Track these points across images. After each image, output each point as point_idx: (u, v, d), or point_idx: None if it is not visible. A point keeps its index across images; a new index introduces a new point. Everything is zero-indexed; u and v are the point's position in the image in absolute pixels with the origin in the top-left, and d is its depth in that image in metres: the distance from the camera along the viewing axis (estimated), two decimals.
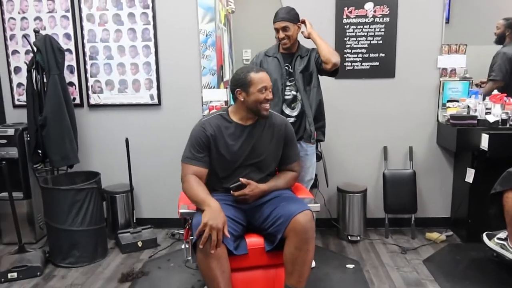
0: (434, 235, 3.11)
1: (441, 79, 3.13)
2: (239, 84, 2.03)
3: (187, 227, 2.03)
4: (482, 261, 2.74)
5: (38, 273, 2.70)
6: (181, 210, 1.99)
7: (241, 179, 2.02)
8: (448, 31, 3.12)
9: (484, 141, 2.71)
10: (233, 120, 2.09)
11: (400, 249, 2.98)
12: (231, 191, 2.02)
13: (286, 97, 2.56)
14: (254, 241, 1.97)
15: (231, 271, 1.86)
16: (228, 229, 1.82)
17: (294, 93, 2.56)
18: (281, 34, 2.48)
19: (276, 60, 2.57)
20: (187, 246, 2.06)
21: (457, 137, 2.84)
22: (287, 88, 2.55)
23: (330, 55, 2.43)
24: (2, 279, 2.62)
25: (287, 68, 2.56)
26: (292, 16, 2.50)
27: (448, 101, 3.08)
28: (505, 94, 2.96)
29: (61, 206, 2.77)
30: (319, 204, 2.08)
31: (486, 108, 2.90)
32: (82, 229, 2.81)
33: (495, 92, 2.97)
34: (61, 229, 2.78)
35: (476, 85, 3.16)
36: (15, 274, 2.64)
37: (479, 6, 3.33)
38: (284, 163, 2.22)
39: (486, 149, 2.68)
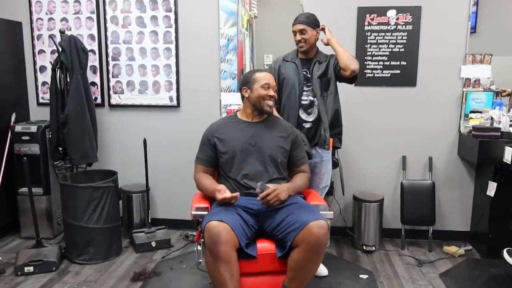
0: (452, 249, 3.03)
1: (464, 89, 3.06)
2: (245, 82, 2.21)
3: (199, 228, 2.04)
4: (502, 278, 2.65)
5: (54, 268, 2.75)
6: (193, 212, 2.00)
7: (267, 184, 2.03)
8: (474, 40, 3.05)
9: (508, 154, 2.62)
10: (239, 118, 2.25)
11: (416, 262, 2.91)
12: (257, 194, 2.01)
13: (303, 102, 2.55)
14: (265, 246, 1.95)
15: (241, 275, 1.86)
16: (240, 229, 1.85)
17: (312, 98, 2.54)
18: (298, 37, 2.49)
19: (294, 65, 2.56)
20: (199, 248, 2.07)
21: (479, 149, 2.77)
22: (304, 93, 2.54)
23: (349, 62, 2.42)
24: (19, 272, 2.68)
25: (305, 73, 2.55)
26: (310, 21, 2.50)
27: (471, 112, 3.01)
28: None
29: (78, 203, 2.82)
30: (332, 212, 2.05)
31: (511, 121, 2.81)
32: (98, 227, 2.85)
33: None
34: (78, 225, 2.83)
35: (497, 93, 3.06)
36: (31, 268, 2.70)
37: (507, 15, 3.25)
38: (295, 165, 2.25)
39: (510, 163, 2.60)
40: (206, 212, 1.98)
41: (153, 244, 3.08)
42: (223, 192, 1.99)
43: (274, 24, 3.65)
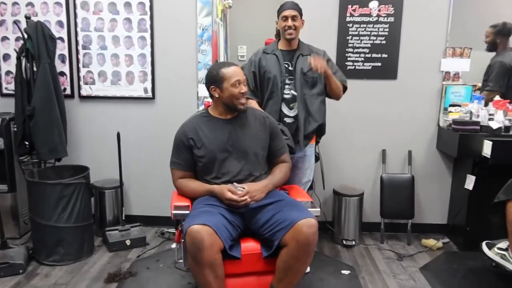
0: (430, 242, 3.05)
1: (443, 83, 3.07)
2: (212, 81, 2.03)
3: (180, 228, 1.93)
4: (480, 270, 2.67)
5: (21, 271, 2.58)
6: (174, 211, 1.89)
7: (239, 186, 1.95)
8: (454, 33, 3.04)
9: (487, 148, 2.64)
10: (212, 115, 2.10)
11: (396, 256, 2.91)
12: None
13: (285, 96, 2.47)
14: (249, 246, 1.87)
15: (226, 276, 1.78)
16: (224, 231, 1.76)
17: (294, 93, 2.47)
18: (290, 22, 2.39)
19: (275, 57, 2.47)
20: (177, 246, 1.98)
21: (459, 142, 2.78)
22: (287, 86, 2.46)
23: (340, 92, 2.51)
24: None
25: (286, 65, 2.46)
26: (299, 9, 2.43)
27: (450, 105, 3.02)
28: (508, 101, 2.91)
29: (47, 201, 2.65)
30: (319, 209, 2.00)
31: (489, 114, 2.84)
32: (69, 226, 2.70)
33: (497, 98, 2.91)
34: (46, 225, 2.66)
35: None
36: None
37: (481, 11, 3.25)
38: (275, 156, 2.17)
39: (489, 156, 2.62)
40: (187, 212, 1.88)
41: (128, 242, 2.95)
42: (233, 192, 1.91)
43: (248, 15, 3.57)
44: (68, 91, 3.18)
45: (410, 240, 3.12)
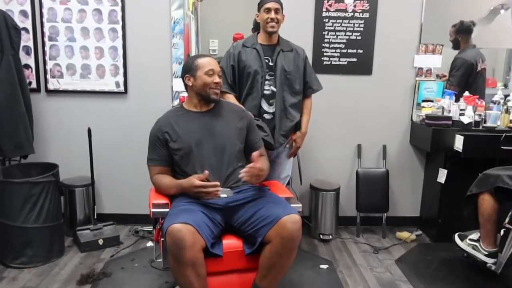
0: (404, 235, 3.11)
1: (417, 79, 3.12)
2: (187, 70, 2.04)
3: (158, 227, 1.87)
4: (452, 261, 2.76)
5: None
6: (153, 210, 1.83)
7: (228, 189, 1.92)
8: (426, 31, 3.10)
9: (459, 142, 2.72)
10: (187, 109, 2.09)
11: (372, 249, 2.95)
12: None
13: (265, 92, 2.44)
14: (231, 243, 1.84)
15: (208, 275, 1.74)
16: (205, 229, 1.72)
17: (274, 89, 2.44)
18: (273, 15, 2.35)
19: (255, 51, 2.43)
20: (156, 245, 1.92)
21: (432, 137, 2.84)
22: (266, 82, 2.43)
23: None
24: None
25: (267, 61, 2.43)
26: (281, 3, 2.40)
27: (423, 100, 3.08)
28: (477, 96, 3.00)
29: (14, 201, 2.51)
30: (301, 205, 1.98)
31: (460, 109, 2.91)
32: (37, 226, 2.56)
33: (467, 93, 2.99)
34: (13, 226, 2.52)
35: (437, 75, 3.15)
36: None
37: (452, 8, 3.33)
38: (252, 149, 2.11)
39: (460, 150, 2.69)
40: (166, 210, 1.82)
41: (100, 242, 2.85)
42: (201, 179, 1.85)
43: (220, 8, 3.50)
44: (34, 85, 3.02)
45: (385, 233, 3.17)
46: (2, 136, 2.71)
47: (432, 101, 3.04)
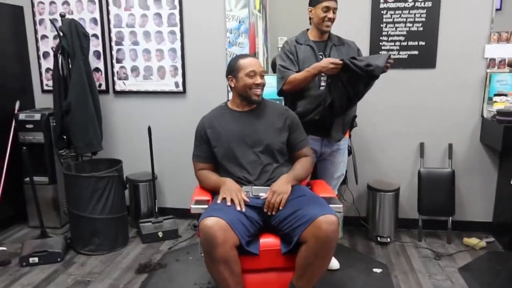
0: (472, 241, 2.86)
1: (488, 71, 2.84)
2: (230, 70, 2.07)
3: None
4: None
5: (59, 259, 2.70)
6: (192, 206, 1.90)
7: (261, 194, 1.92)
8: (500, 18, 2.81)
9: None
10: (230, 108, 2.12)
11: (433, 254, 2.76)
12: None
13: (321, 88, 2.38)
14: (269, 241, 1.84)
15: (244, 272, 1.76)
16: (240, 226, 1.73)
17: None
18: (331, 14, 2.30)
19: (309, 48, 2.38)
20: (199, 240, 1.97)
21: (504, 135, 2.57)
22: (322, 78, 2.37)
23: None
24: (24, 263, 2.64)
25: (321, 57, 2.38)
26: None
27: (495, 95, 2.80)
28: None
29: (83, 193, 2.75)
30: (341, 205, 1.91)
31: None
32: (103, 217, 2.79)
33: None
34: (82, 216, 2.77)
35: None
36: (36, 259, 2.66)
37: None
38: (295, 149, 2.12)
39: None
40: (205, 206, 1.87)
41: (160, 234, 3.01)
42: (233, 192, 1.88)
43: (288, 5, 3.48)
44: (103, 87, 3.28)
45: (450, 239, 2.95)
46: (75, 135, 2.98)
47: (506, 95, 2.75)
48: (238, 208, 1.80)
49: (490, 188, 3.01)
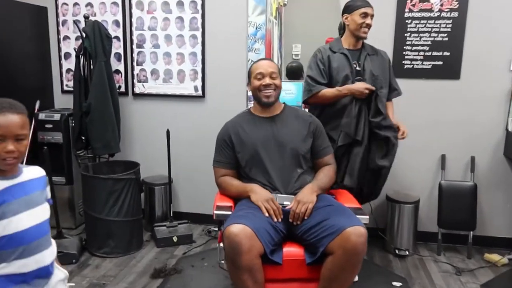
0: (494, 257, 2.79)
1: None
2: (248, 77, 2.11)
3: (222, 229, 1.90)
4: None
5: (74, 261, 2.69)
6: (216, 212, 1.86)
7: (286, 203, 1.89)
8: None
9: None
10: (254, 114, 2.11)
11: (454, 270, 2.69)
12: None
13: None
14: (292, 251, 1.80)
15: (267, 281, 1.72)
16: (265, 234, 1.69)
17: None
18: (369, 20, 2.30)
19: (343, 56, 2.36)
20: (219, 247, 1.95)
21: None
22: None
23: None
24: None
25: (354, 65, 2.36)
26: None
27: None
28: None
29: (99, 194, 2.74)
30: (368, 217, 1.87)
31: None
32: (118, 220, 2.77)
33: None
34: (98, 218, 2.75)
35: None
36: None
37: None
38: (318, 156, 2.09)
39: None
40: (229, 212, 1.84)
41: (175, 239, 2.98)
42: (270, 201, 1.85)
43: (303, 12, 3.47)
44: (122, 89, 3.28)
45: (471, 254, 2.88)
46: (93, 136, 2.97)
47: None
48: (275, 220, 1.78)
49: None
